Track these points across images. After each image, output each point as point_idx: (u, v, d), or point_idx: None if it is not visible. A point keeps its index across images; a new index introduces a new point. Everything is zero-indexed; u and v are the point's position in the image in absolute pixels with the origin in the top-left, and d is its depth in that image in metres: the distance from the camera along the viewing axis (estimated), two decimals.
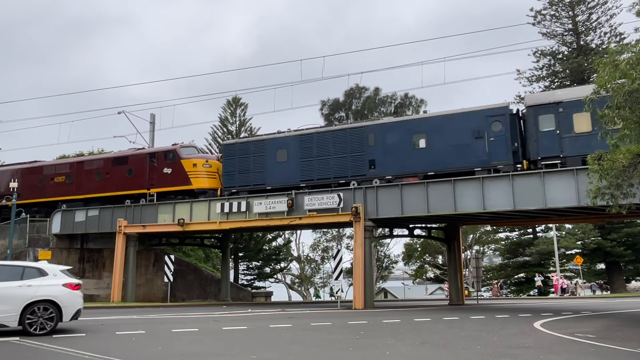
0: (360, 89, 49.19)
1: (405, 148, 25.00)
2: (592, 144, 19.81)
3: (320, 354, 9.61)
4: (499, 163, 23.07)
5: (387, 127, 25.83)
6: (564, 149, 21.79)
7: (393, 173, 25.17)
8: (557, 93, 23.40)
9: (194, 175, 29.59)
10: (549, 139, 22.15)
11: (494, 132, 23.25)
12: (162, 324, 15.67)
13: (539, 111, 22.53)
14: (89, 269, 33.62)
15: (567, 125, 21.80)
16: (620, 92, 12.81)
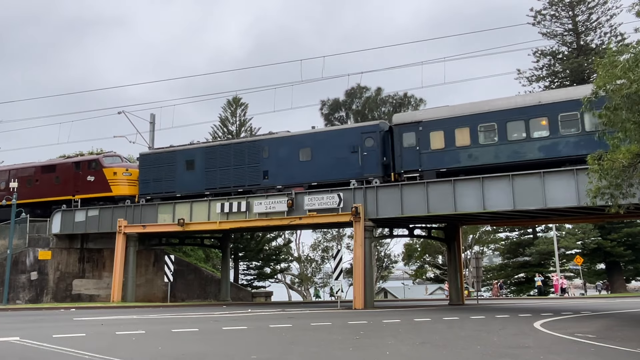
0: (361, 88, 49.19)
1: (293, 160, 27.32)
2: (444, 159, 23.69)
3: (320, 354, 9.61)
4: (370, 175, 25.43)
5: (279, 142, 28.14)
6: (422, 164, 24.35)
7: (282, 183, 27.59)
8: (417, 113, 26.47)
9: (114, 182, 32.07)
10: (410, 154, 24.63)
11: (367, 148, 25.57)
12: (162, 324, 15.68)
13: (403, 129, 24.97)
14: (89, 269, 33.63)
15: (425, 143, 24.31)
16: (619, 93, 12.81)
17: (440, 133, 23.89)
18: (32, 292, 31.56)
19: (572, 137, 21.44)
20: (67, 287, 32.50)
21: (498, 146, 22.94)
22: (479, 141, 23.35)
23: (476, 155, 23.35)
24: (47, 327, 14.30)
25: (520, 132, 22.63)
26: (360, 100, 49.55)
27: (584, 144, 20.81)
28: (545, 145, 21.96)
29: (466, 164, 23.54)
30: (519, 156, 22.46)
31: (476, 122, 23.49)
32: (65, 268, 32.82)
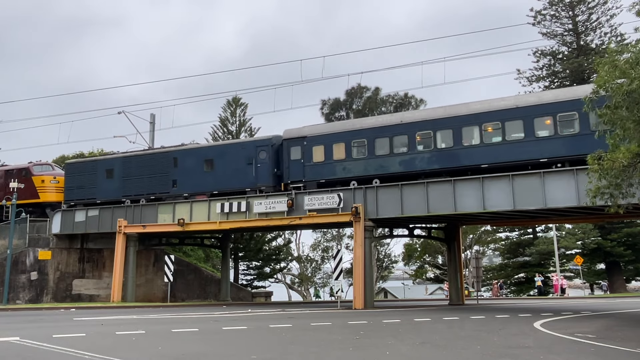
0: (361, 88, 49.17)
1: (198, 171, 29.66)
2: (323, 171, 26.31)
3: (320, 354, 9.60)
4: (263, 185, 27.73)
5: (187, 153, 30.46)
6: (305, 175, 26.78)
7: (188, 191, 29.83)
8: (304, 129, 27.95)
9: (42, 190, 34.23)
10: (296, 166, 27.01)
11: (261, 160, 27.92)
12: (162, 324, 15.67)
13: (291, 143, 27.28)
14: (89, 269, 33.64)
15: (308, 156, 26.76)
16: (619, 92, 12.81)
17: (321, 147, 26.50)
18: (32, 292, 31.57)
19: (426, 153, 24.34)
20: (67, 287, 32.51)
21: (367, 160, 25.49)
22: (352, 155, 25.95)
23: (349, 168, 25.99)
24: (47, 327, 14.30)
25: (385, 148, 25.16)
26: (360, 100, 49.54)
27: (436, 159, 24.07)
28: (405, 160, 24.83)
29: (341, 175, 26.15)
30: (383, 169, 25.19)
31: (350, 138, 26.11)
32: (65, 268, 32.82)
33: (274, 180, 27.59)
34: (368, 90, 49.40)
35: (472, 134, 23.28)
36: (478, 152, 22.98)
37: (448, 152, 23.72)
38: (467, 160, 23.29)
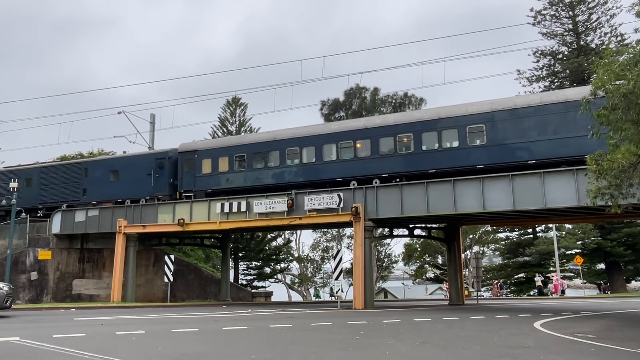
0: (360, 89, 49.14)
1: (105, 180, 32.45)
2: (210, 182, 29.32)
3: (320, 354, 9.61)
4: (160, 193, 30.66)
5: (96, 164, 33.60)
6: (196, 185, 29.63)
7: (96, 199, 32.59)
8: (196, 144, 31.39)
9: None
10: (188, 177, 29.94)
11: (159, 171, 30.86)
12: (162, 324, 15.67)
13: (185, 156, 30.37)
14: (89, 269, 33.65)
15: (198, 168, 29.72)
16: (617, 93, 12.81)
17: (209, 161, 29.49)
18: (32, 292, 31.58)
19: (294, 167, 27.38)
20: (67, 287, 32.52)
21: (246, 173, 28.58)
22: (234, 168, 28.90)
23: (232, 180, 28.83)
24: (47, 327, 14.30)
25: (260, 162, 28.37)
26: (360, 100, 49.48)
27: (302, 173, 27.10)
28: (276, 173, 27.84)
29: (225, 186, 29.00)
30: (259, 181, 28.18)
31: (233, 152, 29.11)
32: (65, 268, 32.83)
33: (170, 189, 30.58)
34: (367, 90, 49.35)
35: (330, 151, 26.61)
36: (335, 167, 26.36)
37: (312, 166, 26.89)
38: (326, 174, 26.56)
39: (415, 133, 24.42)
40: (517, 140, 22.62)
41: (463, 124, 23.68)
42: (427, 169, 24.17)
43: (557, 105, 22.08)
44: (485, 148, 23.18)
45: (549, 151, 21.90)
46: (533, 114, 22.47)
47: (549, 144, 21.94)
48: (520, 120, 22.63)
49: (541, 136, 22.14)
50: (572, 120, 21.27)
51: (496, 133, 23.02)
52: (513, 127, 22.71)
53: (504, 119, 22.94)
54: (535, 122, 22.33)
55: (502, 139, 22.90)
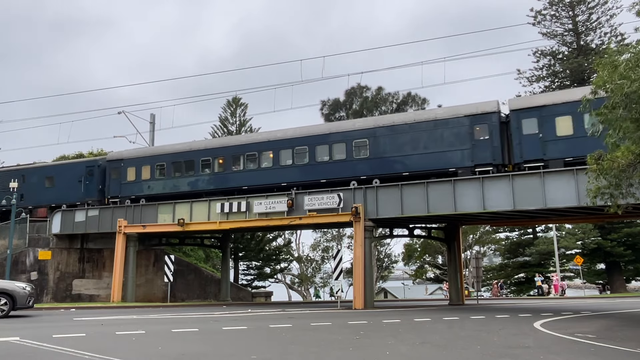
0: (361, 88, 49.13)
1: (41, 186, 34.88)
2: (134, 189, 31.70)
3: (320, 354, 9.60)
4: (89, 199, 32.97)
5: (33, 170, 35.87)
6: (121, 192, 32.12)
7: (32, 204, 34.93)
8: (123, 153, 33.57)
9: None
10: (115, 184, 32.35)
11: (89, 178, 33.29)
12: (162, 324, 15.67)
13: (112, 165, 32.83)
14: (89, 269, 33.64)
15: (124, 176, 32.24)
16: (619, 92, 12.80)
17: (133, 169, 32.00)
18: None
19: (206, 176, 29.92)
20: (67, 287, 32.52)
21: (165, 180, 30.90)
22: (155, 176, 31.29)
23: (153, 187, 31.28)
24: (47, 327, 14.30)
25: (178, 171, 30.74)
26: (361, 99, 49.45)
27: (213, 181, 29.50)
28: (191, 181, 30.22)
29: (146, 192, 31.39)
30: (177, 188, 30.51)
31: (154, 161, 31.58)
32: (65, 268, 32.82)
33: (99, 194, 32.86)
34: (368, 90, 49.33)
35: (238, 162, 29.09)
36: (243, 176, 28.76)
37: (222, 175, 29.35)
38: (234, 183, 28.82)
39: (309, 146, 26.98)
40: (395, 153, 25.14)
41: (350, 138, 26.17)
42: (319, 179, 26.57)
43: (428, 123, 24.58)
44: (368, 160, 25.65)
45: (421, 164, 24.48)
46: (408, 130, 24.95)
47: (421, 157, 24.49)
48: (397, 135, 25.11)
49: (415, 150, 24.69)
50: (439, 137, 24.07)
51: (378, 147, 25.45)
52: (392, 142, 25.18)
53: (385, 135, 25.39)
54: (410, 138, 24.81)
55: (382, 153, 25.36)
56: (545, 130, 22.12)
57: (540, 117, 22.35)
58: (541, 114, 22.38)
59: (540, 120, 22.30)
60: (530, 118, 22.58)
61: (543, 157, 22.19)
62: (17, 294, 17.55)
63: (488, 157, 23.24)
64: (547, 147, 22.10)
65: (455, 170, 23.77)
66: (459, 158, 23.72)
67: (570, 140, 21.64)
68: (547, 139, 22.09)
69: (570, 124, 21.65)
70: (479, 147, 23.47)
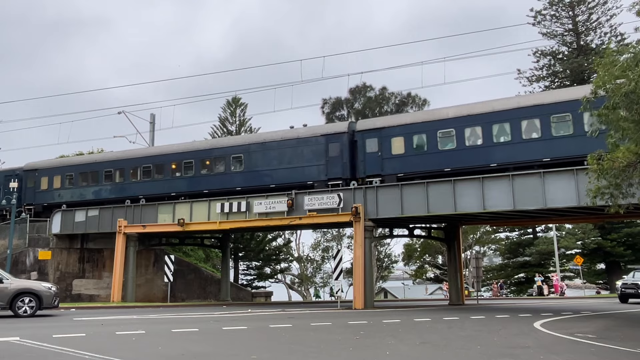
0: (365, 87, 49.06)
1: None
2: (47, 197, 34.30)
3: (320, 354, 9.60)
4: (8, 206, 32.63)
5: None
6: (35, 199, 34.53)
7: None
8: (38, 163, 35.83)
9: None
10: (30, 192, 34.76)
11: (10, 186, 32.66)
12: (162, 324, 15.68)
13: (28, 174, 35.20)
14: (89, 269, 33.64)
15: (38, 184, 34.62)
16: (618, 92, 12.80)
17: (46, 178, 34.45)
18: None
19: (109, 185, 32.56)
20: (67, 287, 32.50)
21: (73, 190, 33.32)
22: (65, 185, 33.73)
23: (62, 195, 33.70)
24: (47, 327, 14.30)
25: (84, 181, 33.31)
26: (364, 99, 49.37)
27: (115, 191, 32.23)
28: (95, 191, 32.91)
29: (57, 200, 33.60)
30: (83, 197, 33.09)
31: (64, 172, 34.02)
32: (65, 268, 32.82)
33: (17, 203, 33.18)
34: (372, 89, 49.27)
35: (137, 174, 31.67)
36: (140, 186, 31.45)
37: (121, 185, 32.20)
38: (131, 192, 31.75)
39: (195, 160, 29.93)
40: (265, 167, 27.99)
41: (229, 153, 28.95)
42: (202, 190, 29.57)
43: (292, 141, 27.43)
44: (243, 173, 28.43)
45: (286, 177, 27.23)
46: (276, 147, 27.75)
47: (285, 171, 27.26)
48: (267, 151, 27.98)
49: (281, 165, 27.43)
50: (301, 154, 26.88)
51: (251, 161, 28.41)
52: (262, 157, 28.09)
53: (257, 151, 28.30)
54: (277, 154, 27.62)
55: (254, 167, 28.30)
56: (383, 149, 25.18)
57: (380, 138, 25.28)
58: (381, 135, 25.33)
59: (379, 141, 25.26)
60: (372, 138, 25.53)
61: (381, 173, 25.17)
62: (43, 294, 18.20)
63: (339, 172, 26.00)
64: (384, 164, 25.13)
65: (313, 183, 26.60)
66: (316, 172, 26.53)
67: (402, 158, 24.80)
68: (385, 157, 25.13)
69: (402, 144, 24.76)
70: (332, 163, 26.18)
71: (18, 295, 17.86)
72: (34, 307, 17.97)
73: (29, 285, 18.58)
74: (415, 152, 24.40)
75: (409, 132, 24.65)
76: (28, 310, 17.88)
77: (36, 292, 18.15)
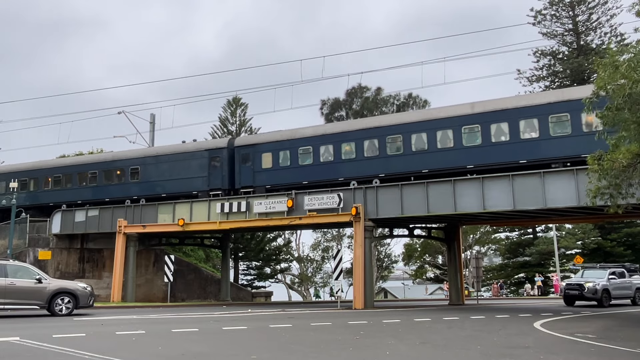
0: (362, 88, 49.07)
1: None
2: None
3: (320, 354, 9.60)
4: None
5: None
6: None
7: None
8: None
9: None
10: None
11: None
12: (162, 324, 15.68)
13: None
14: (89, 269, 33.63)
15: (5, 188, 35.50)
16: (620, 93, 12.79)
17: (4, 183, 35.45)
18: None
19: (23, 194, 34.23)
20: None
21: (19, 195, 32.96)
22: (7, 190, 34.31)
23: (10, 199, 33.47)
24: (47, 327, 14.29)
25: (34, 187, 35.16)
26: (360, 100, 49.40)
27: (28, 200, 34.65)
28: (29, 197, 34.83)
29: None
30: (34, 200, 34.68)
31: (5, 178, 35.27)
32: (65, 268, 32.81)
33: None
34: (369, 90, 49.27)
35: (47, 183, 34.39)
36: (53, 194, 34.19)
37: (35, 193, 34.78)
38: (42, 200, 34.48)
39: (99, 170, 32.82)
40: (157, 178, 30.83)
41: (128, 165, 31.90)
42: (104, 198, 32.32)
43: (181, 154, 30.49)
44: (139, 184, 31.27)
45: (175, 188, 30.11)
46: (167, 160, 30.73)
47: (175, 182, 30.16)
48: (160, 164, 30.97)
49: (172, 176, 30.39)
50: (188, 166, 29.95)
51: (146, 173, 31.19)
52: (156, 169, 31.01)
53: (151, 163, 31.21)
54: (169, 166, 30.65)
55: (148, 177, 31.02)
56: (255, 163, 28.15)
57: (253, 153, 28.31)
58: (254, 151, 28.30)
59: (252, 156, 28.29)
60: (247, 153, 28.57)
61: (253, 184, 28.06)
62: (79, 294, 18.77)
63: (219, 183, 28.88)
64: (256, 176, 27.92)
65: (197, 193, 29.50)
66: (200, 183, 29.42)
67: (270, 172, 27.75)
68: (256, 170, 28.06)
69: (270, 159, 27.71)
70: (213, 175, 29.13)
71: (56, 295, 18.34)
72: (70, 307, 18.49)
73: (66, 285, 19.12)
74: (281, 167, 27.51)
75: (276, 149, 27.77)
76: (64, 310, 18.37)
77: (73, 292, 18.67)
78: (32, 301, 18.06)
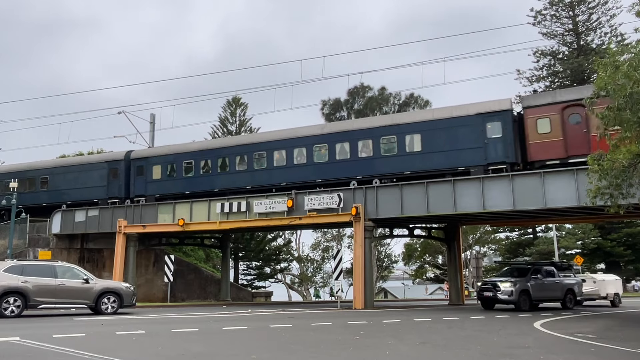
0: (364, 87, 49.06)
1: None
2: None
3: (320, 354, 9.61)
4: None
5: None
6: None
7: None
8: None
9: None
10: None
11: None
12: (162, 324, 15.68)
13: None
14: (89, 269, 33.48)
15: None
16: (621, 93, 12.78)
17: None
18: None
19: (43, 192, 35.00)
20: None
21: None
22: None
23: None
24: (47, 327, 14.29)
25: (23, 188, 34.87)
26: (362, 100, 49.38)
27: None
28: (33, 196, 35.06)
29: None
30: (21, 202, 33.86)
31: None
32: None
33: None
34: (371, 89, 49.25)
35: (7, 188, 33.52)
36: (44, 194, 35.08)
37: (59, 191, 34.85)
38: None
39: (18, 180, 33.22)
40: (65, 187, 33.49)
41: (39, 175, 34.64)
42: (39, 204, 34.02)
43: (85, 165, 33.27)
44: (48, 192, 34.15)
45: (80, 195, 32.80)
46: (75, 170, 33.45)
47: (80, 190, 32.82)
48: (68, 174, 33.51)
49: (77, 185, 33.01)
50: (91, 176, 32.59)
51: (54, 182, 34.00)
52: (63, 178, 33.68)
53: (59, 173, 33.96)
54: (75, 176, 33.25)
55: (57, 186, 33.84)
56: (147, 175, 31.02)
57: (145, 165, 31.16)
58: (147, 163, 31.17)
59: (145, 168, 31.16)
60: (140, 165, 31.37)
61: (144, 194, 31.04)
62: (123, 293, 19.54)
63: (116, 192, 31.82)
64: (147, 187, 30.94)
65: (98, 201, 32.28)
66: (100, 192, 32.30)
67: (159, 182, 30.63)
68: (148, 181, 30.96)
69: (160, 171, 30.74)
70: (112, 184, 32.00)
71: (102, 294, 19.01)
72: (115, 306, 19.13)
73: (111, 285, 19.82)
74: (167, 178, 30.44)
75: (165, 162, 30.70)
76: (110, 309, 18.99)
77: (118, 292, 19.35)
78: (81, 300, 18.77)
